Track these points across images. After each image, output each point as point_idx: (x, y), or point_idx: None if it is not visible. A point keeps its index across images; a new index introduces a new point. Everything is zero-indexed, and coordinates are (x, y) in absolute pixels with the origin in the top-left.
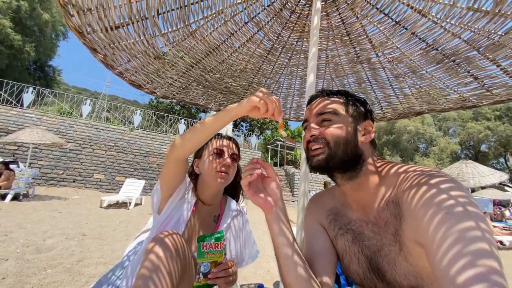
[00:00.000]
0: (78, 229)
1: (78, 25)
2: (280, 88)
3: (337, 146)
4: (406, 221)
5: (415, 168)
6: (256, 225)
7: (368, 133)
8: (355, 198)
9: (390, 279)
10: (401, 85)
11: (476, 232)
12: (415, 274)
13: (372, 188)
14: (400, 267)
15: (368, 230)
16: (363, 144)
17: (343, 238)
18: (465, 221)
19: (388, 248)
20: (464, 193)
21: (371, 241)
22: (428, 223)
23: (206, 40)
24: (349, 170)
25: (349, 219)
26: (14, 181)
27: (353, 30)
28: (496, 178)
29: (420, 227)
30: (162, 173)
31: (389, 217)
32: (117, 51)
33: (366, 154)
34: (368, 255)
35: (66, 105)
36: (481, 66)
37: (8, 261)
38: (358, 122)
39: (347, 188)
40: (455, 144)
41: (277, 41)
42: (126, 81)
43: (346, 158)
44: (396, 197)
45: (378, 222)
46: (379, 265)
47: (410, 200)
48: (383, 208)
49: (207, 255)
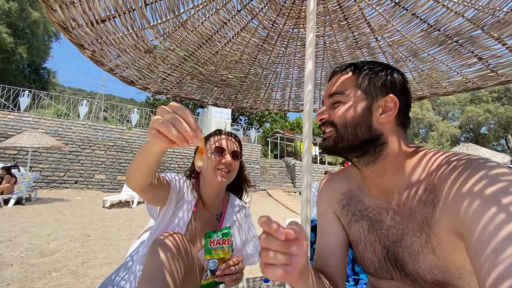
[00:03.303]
0: (82, 230)
1: (62, 20)
2: (278, 79)
3: (344, 129)
4: (443, 209)
5: (450, 154)
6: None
7: (388, 111)
8: (376, 183)
9: (411, 271)
10: (402, 69)
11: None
12: (442, 268)
13: (397, 173)
14: (425, 260)
15: (388, 219)
16: (382, 124)
17: (357, 225)
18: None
19: (411, 238)
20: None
21: (391, 230)
22: (472, 210)
23: (198, 30)
24: (365, 154)
25: (365, 205)
26: (16, 185)
27: (351, 14)
28: (498, 160)
29: (460, 215)
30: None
31: (417, 205)
32: (106, 46)
33: (388, 135)
34: (386, 244)
35: (63, 107)
36: (486, 46)
37: (12, 267)
38: (375, 99)
39: (367, 173)
40: (455, 128)
41: (272, 28)
42: (117, 78)
43: (356, 142)
44: (431, 184)
45: (402, 210)
46: (398, 256)
47: (449, 187)
48: (410, 195)
49: (214, 251)
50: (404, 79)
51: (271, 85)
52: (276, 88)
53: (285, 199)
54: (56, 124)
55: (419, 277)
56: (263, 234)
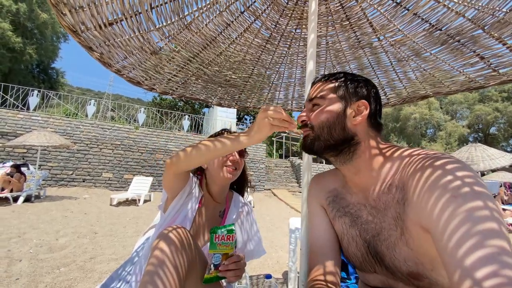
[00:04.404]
0: (89, 227)
1: (72, 23)
2: (281, 78)
3: (320, 129)
4: (410, 205)
5: (420, 152)
6: (264, 216)
7: (360, 114)
8: (354, 181)
9: (389, 264)
10: (405, 69)
11: (484, 212)
12: (415, 259)
13: (371, 171)
14: (400, 252)
15: (366, 214)
16: (356, 125)
17: (340, 221)
18: (472, 201)
19: (388, 232)
20: (471, 173)
21: (370, 225)
22: (434, 205)
23: (202, 32)
24: (340, 153)
25: (347, 202)
26: (25, 183)
27: (353, 14)
28: (507, 161)
29: (425, 211)
30: (163, 179)
31: (391, 201)
32: (113, 48)
33: (360, 136)
34: (366, 238)
35: (71, 107)
36: (487, 45)
37: (21, 262)
38: (348, 104)
39: (345, 171)
40: (463, 128)
41: (275, 29)
42: (124, 79)
43: (331, 141)
44: (400, 181)
45: (378, 205)
46: (377, 249)
47: (415, 184)
48: (384, 191)
49: (219, 246)
50: (375, 89)
51: (274, 84)
52: (279, 88)
53: (290, 199)
54: (64, 123)
55: (395, 268)
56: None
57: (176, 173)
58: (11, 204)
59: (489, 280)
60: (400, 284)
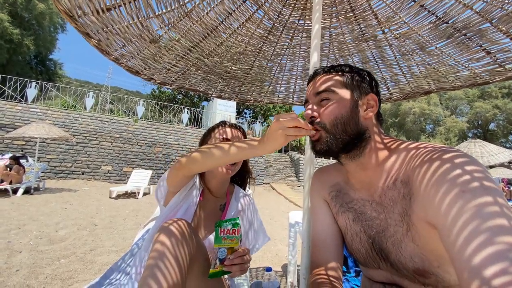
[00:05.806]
0: (89, 220)
1: (68, 8)
2: (283, 71)
3: (334, 127)
4: (416, 200)
5: (426, 145)
6: (263, 210)
7: (370, 107)
8: (359, 177)
9: (394, 260)
10: (409, 63)
11: (494, 208)
12: (421, 256)
13: (377, 166)
14: (406, 249)
15: (371, 210)
16: (366, 119)
17: (344, 216)
18: (482, 197)
19: (394, 228)
20: (480, 167)
21: (374, 221)
22: (441, 201)
23: (203, 21)
24: (352, 149)
25: (351, 198)
26: (24, 175)
27: (358, 5)
28: (505, 157)
29: (432, 206)
30: (169, 176)
31: (397, 197)
32: (111, 35)
33: (371, 130)
34: (371, 235)
35: (70, 99)
36: (494, 40)
37: (21, 253)
38: (360, 97)
39: (351, 167)
40: (462, 123)
41: (278, 20)
42: (123, 67)
43: (347, 138)
44: (405, 175)
45: (383, 201)
46: (382, 246)
47: (421, 178)
48: (390, 187)
49: (224, 240)
50: (377, 82)
51: (275, 77)
52: (281, 81)
53: (289, 193)
54: (63, 115)
55: (401, 265)
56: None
57: (186, 175)
58: (11, 196)
59: (499, 278)
60: (405, 281)
